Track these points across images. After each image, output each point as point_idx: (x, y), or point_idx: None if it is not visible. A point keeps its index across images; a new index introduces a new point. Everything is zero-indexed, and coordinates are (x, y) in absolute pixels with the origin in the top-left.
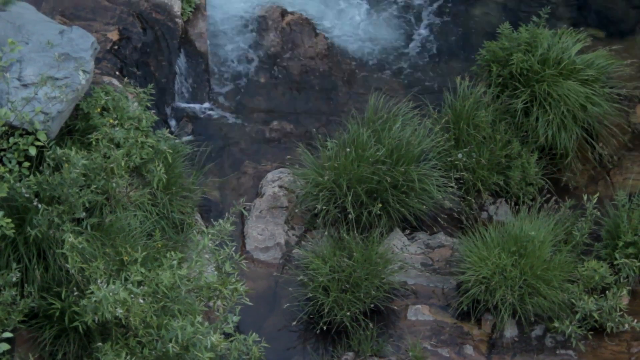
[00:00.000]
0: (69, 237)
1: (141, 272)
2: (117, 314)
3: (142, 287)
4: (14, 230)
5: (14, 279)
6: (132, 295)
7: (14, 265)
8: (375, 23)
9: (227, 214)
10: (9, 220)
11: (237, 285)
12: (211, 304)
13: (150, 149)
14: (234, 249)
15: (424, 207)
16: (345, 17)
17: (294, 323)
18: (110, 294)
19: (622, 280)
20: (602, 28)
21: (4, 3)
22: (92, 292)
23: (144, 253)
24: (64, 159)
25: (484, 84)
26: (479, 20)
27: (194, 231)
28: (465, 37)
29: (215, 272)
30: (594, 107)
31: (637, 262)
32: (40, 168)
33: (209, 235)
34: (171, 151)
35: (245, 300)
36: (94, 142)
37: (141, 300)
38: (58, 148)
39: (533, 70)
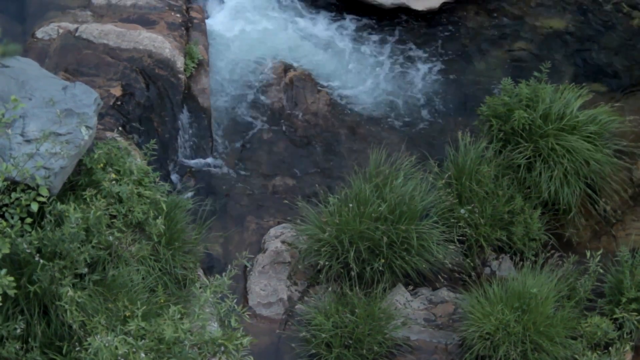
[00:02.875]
0: (68, 290)
1: (142, 327)
2: None
3: (144, 340)
4: (15, 291)
5: (18, 331)
6: (134, 350)
7: (19, 317)
8: (377, 78)
9: (229, 266)
10: (12, 278)
11: (242, 341)
12: (215, 359)
13: (151, 204)
14: (235, 301)
15: (426, 264)
16: (348, 73)
17: None
18: (107, 344)
19: (625, 336)
20: (604, 83)
21: (2, 55)
22: (90, 344)
23: (144, 307)
24: (65, 214)
25: (486, 139)
26: (481, 75)
27: (197, 285)
28: (467, 92)
29: (219, 327)
30: (596, 163)
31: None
32: (42, 223)
33: (211, 288)
34: (166, 199)
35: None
36: (88, 199)
37: (143, 355)
38: (58, 203)
39: (535, 126)
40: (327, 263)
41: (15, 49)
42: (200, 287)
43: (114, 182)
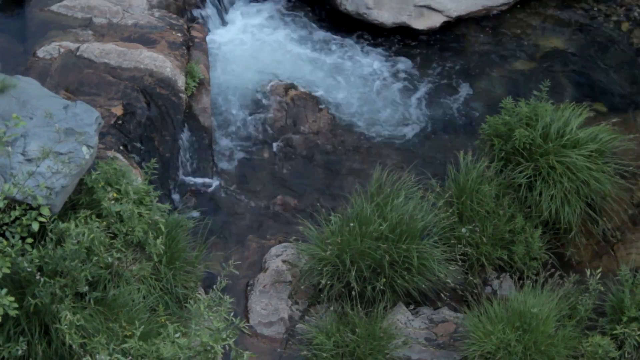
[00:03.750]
0: (67, 313)
1: (140, 346)
2: None
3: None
4: (17, 311)
5: (20, 352)
6: None
7: (20, 338)
8: (377, 96)
9: (218, 278)
10: (12, 298)
11: (230, 342)
12: None
13: (151, 224)
14: (232, 314)
15: (427, 283)
16: (349, 92)
17: None
18: None
19: (627, 355)
20: (604, 102)
21: (0, 90)
22: None
23: (142, 327)
24: (67, 232)
25: (487, 158)
26: (482, 94)
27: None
28: (468, 110)
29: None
30: (597, 182)
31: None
32: (43, 242)
33: (205, 303)
34: (164, 220)
35: None
36: (82, 219)
37: None
38: (60, 222)
39: (536, 144)
40: (328, 282)
41: (11, 83)
42: (196, 305)
43: (114, 201)
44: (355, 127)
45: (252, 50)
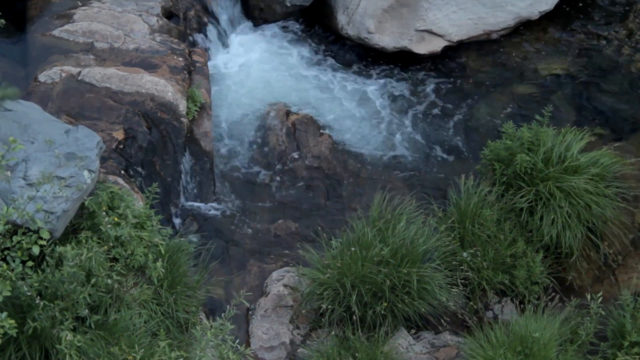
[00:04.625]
0: (67, 334)
1: None
2: None
3: None
4: (17, 330)
5: None
6: None
7: None
8: (379, 121)
9: (228, 307)
10: (12, 321)
11: None
12: None
13: (152, 247)
14: (237, 341)
15: (428, 307)
16: (350, 116)
17: None
18: None
19: None
20: (606, 126)
21: (1, 98)
22: None
23: (143, 351)
24: (64, 255)
25: (488, 182)
26: (483, 118)
27: (197, 329)
28: (470, 135)
29: None
30: (598, 206)
31: None
32: (43, 266)
33: (211, 329)
34: (164, 243)
35: None
36: (83, 241)
37: None
38: (57, 246)
39: (537, 169)
40: (329, 306)
41: (14, 92)
42: (201, 330)
43: (111, 225)
44: (356, 151)
45: (254, 74)
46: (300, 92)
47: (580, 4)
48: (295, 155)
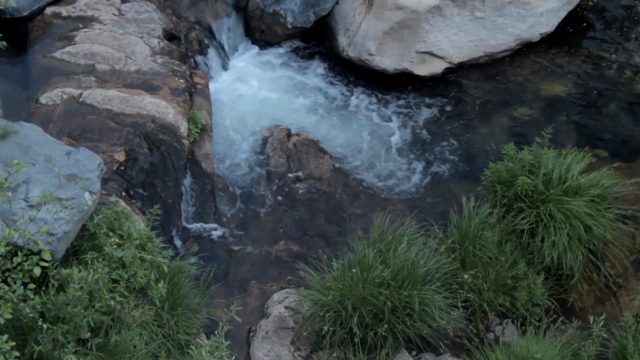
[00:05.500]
0: (71, 357)
1: None
2: None
3: None
4: (17, 354)
5: None
6: None
7: None
8: (380, 142)
9: (220, 323)
10: (13, 343)
11: None
12: None
13: (154, 268)
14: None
15: (429, 329)
16: (351, 138)
17: None
18: None
19: None
20: (606, 148)
21: (1, 137)
22: None
23: None
24: (69, 278)
25: (489, 204)
26: (484, 140)
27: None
28: (471, 157)
29: None
30: (598, 228)
31: None
32: (44, 288)
33: (207, 347)
34: (166, 261)
35: None
36: (89, 262)
37: None
38: (62, 268)
39: (538, 191)
40: (330, 328)
41: (14, 129)
42: (196, 350)
43: (116, 247)
44: (357, 172)
45: (255, 96)
46: (301, 114)
47: (584, 24)
48: (296, 176)
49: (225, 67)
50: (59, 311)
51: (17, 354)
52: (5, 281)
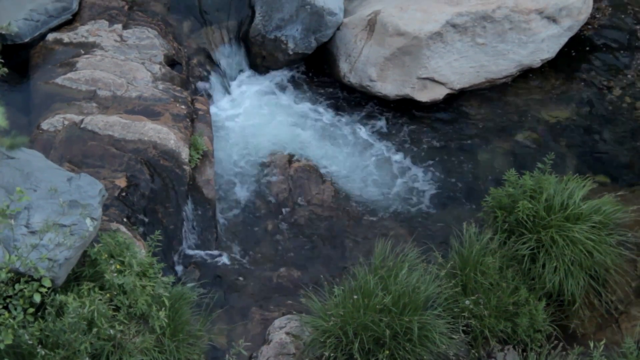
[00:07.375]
0: None
1: None
2: None
3: None
4: None
5: None
6: None
7: None
8: (381, 169)
9: (227, 356)
10: None
11: None
12: None
13: (155, 296)
14: None
15: (430, 355)
16: (353, 164)
17: None
18: None
19: None
20: (608, 174)
21: (10, 147)
22: None
23: None
24: (65, 306)
25: (490, 230)
26: (485, 166)
27: None
28: (472, 182)
29: None
30: (600, 254)
31: None
32: (43, 314)
33: None
34: (168, 295)
35: None
36: (85, 293)
37: None
38: (57, 295)
39: (539, 217)
40: (331, 354)
41: (22, 140)
42: None
43: (116, 273)
44: (358, 199)
45: (256, 122)
46: (303, 140)
47: (587, 48)
48: (298, 202)
49: (226, 92)
50: (57, 337)
51: None
52: (6, 307)
